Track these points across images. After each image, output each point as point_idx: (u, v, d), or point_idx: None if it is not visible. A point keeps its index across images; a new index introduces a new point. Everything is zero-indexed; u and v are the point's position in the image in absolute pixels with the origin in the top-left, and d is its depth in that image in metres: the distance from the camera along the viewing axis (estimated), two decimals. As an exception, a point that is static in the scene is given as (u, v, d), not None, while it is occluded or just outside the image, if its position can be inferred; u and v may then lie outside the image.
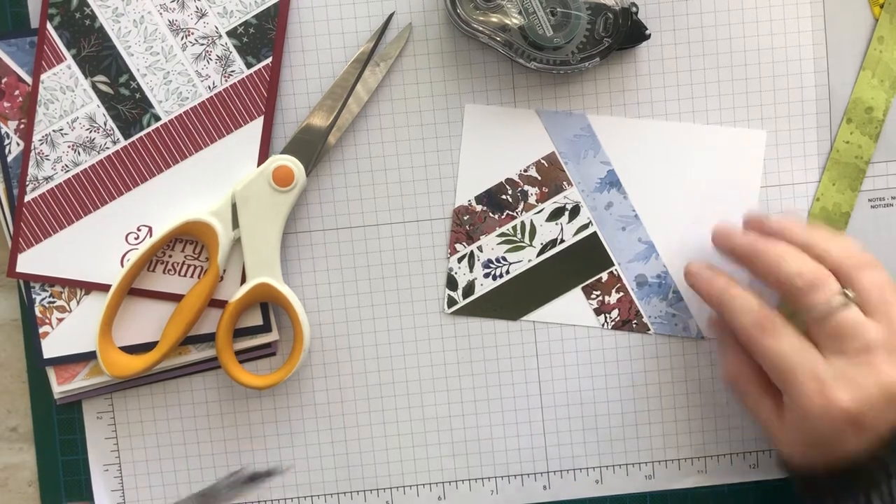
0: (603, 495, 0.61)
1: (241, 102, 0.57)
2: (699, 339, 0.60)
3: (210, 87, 0.57)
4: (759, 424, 0.53)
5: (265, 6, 0.57)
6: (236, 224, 0.57)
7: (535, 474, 0.60)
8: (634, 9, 0.56)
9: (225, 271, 0.58)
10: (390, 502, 0.60)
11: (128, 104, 0.57)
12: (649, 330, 0.60)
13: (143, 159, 0.58)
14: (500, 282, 0.59)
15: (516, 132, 0.59)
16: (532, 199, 0.59)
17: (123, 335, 0.58)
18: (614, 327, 0.60)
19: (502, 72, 0.59)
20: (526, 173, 0.59)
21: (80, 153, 0.58)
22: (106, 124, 0.58)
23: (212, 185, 0.58)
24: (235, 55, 0.57)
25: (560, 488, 0.61)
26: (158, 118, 0.57)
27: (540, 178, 0.59)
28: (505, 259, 0.59)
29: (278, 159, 0.57)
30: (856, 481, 0.48)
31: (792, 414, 0.49)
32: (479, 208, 0.59)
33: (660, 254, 0.59)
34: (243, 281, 0.58)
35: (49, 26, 0.57)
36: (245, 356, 0.59)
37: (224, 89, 0.57)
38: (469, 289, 0.59)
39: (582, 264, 0.59)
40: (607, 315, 0.59)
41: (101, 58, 0.57)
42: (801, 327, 0.50)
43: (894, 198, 0.59)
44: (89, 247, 0.58)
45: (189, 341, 0.58)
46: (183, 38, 0.57)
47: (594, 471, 0.61)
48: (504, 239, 0.59)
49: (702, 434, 0.60)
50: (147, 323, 0.58)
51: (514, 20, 0.55)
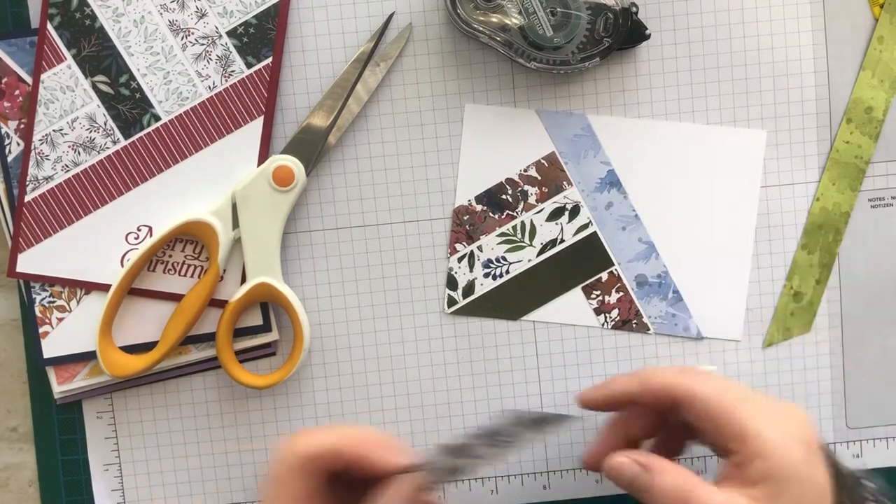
0: (603, 495, 0.61)
1: (242, 102, 0.58)
2: (699, 340, 0.60)
3: (210, 87, 0.57)
4: None
5: (265, 6, 0.57)
6: (236, 224, 0.57)
7: (534, 474, 0.60)
8: (634, 9, 0.56)
9: (225, 271, 0.58)
10: (390, 502, 0.60)
11: (128, 104, 0.57)
12: (649, 330, 0.60)
13: (144, 159, 0.58)
14: (500, 282, 0.59)
15: (516, 132, 0.59)
16: (532, 199, 0.59)
17: (123, 335, 0.58)
18: (614, 327, 0.60)
19: (502, 72, 0.59)
20: (526, 173, 0.59)
21: (80, 153, 0.58)
22: (106, 124, 0.58)
23: (212, 184, 0.58)
24: (235, 55, 0.57)
25: (560, 488, 0.61)
26: (158, 118, 0.58)
27: (540, 177, 0.59)
28: (505, 259, 0.59)
29: (278, 159, 0.57)
30: None
31: None
32: (479, 208, 0.59)
33: (660, 254, 0.59)
34: (243, 281, 0.58)
35: (49, 26, 0.57)
36: (245, 356, 0.59)
37: (224, 89, 0.57)
38: (469, 289, 0.59)
39: (582, 264, 0.59)
40: (607, 315, 0.59)
41: (101, 58, 0.57)
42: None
43: (894, 198, 0.59)
44: (89, 246, 0.58)
45: (189, 341, 0.58)
46: (183, 38, 0.57)
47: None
48: (504, 239, 0.59)
49: (702, 434, 0.60)
50: (147, 323, 0.58)
51: (515, 20, 0.55)
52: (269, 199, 0.57)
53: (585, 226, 0.59)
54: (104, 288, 0.57)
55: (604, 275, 0.59)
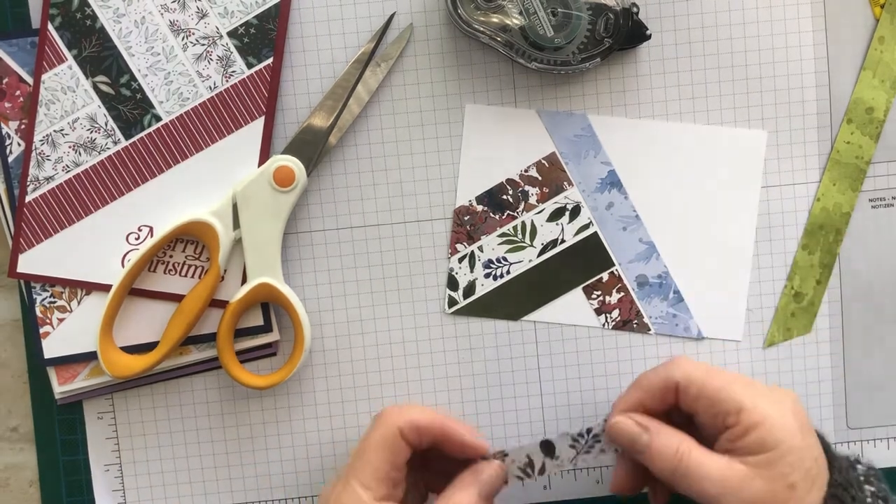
0: (603, 495, 0.61)
1: (242, 103, 0.58)
2: (700, 340, 0.60)
3: (211, 88, 0.57)
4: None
5: (266, 6, 0.57)
6: (237, 224, 0.57)
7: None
8: (635, 9, 0.56)
9: (226, 271, 0.58)
10: (391, 502, 0.60)
11: (129, 104, 0.58)
12: (650, 330, 0.60)
13: (144, 159, 0.58)
14: (500, 282, 0.59)
15: (517, 132, 0.59)
16: (533, 200, 0.59)
17: (124, 335, 0.58)
18: (615, 327, 0.60)
19: (503, 72, 0.59)
20: (527, 173, 0.59)
21: (80, 153, 0.58)
22: (107, 124, 0.58)
23: (212, 185, 0.58)
24: (236, 55, 0.57)
25: (560, 488, 0.61)
26: (159, 118, 0.58)
27: (541, 178, 0.59)
28: (505, 259, 0.59)
29: (279, 159, 0.57)
30: None
31: None
32: (480, 208, 0.59)
33: (660, 254, 0.59)
34: (244, 281, 0.58)
35: (50, 27, 0.57)
36: (246, 356, 0.59)
37: (225, 89, 0.57)
38: (470, 289, 0.59)
39: (582, 264, 0.59)
40: (608, 315, 0.59)
41: (102, 58, 0.57)
42: None
43: (895, 198, 0.59)
44: (90, 247, 0.58)
45: (190, 341, 0.58)
46: (184, 38, 0.57)
47: (594, 471, 0.61)
48: (505, 239, 0.59)
49: (702, 434, 0.60)
50: (148, 323, 0.58)
51: (515, 20, 0.55)
52: (270, 199, 0.57)
53: (586, 226, 0.59)
54: (105, 288, 0.57)
55: (604, 275, 0.59)
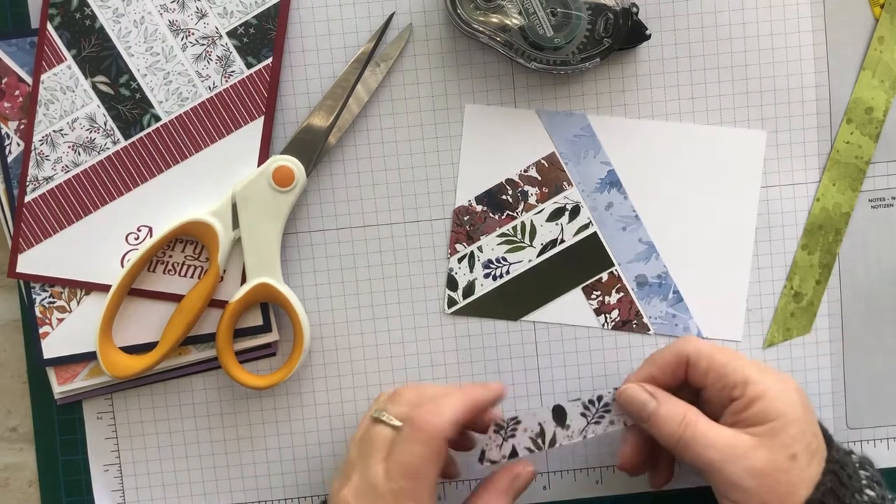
0: (603, 495, 0.61)
1: (242, 103, 0.58)
2: (699, 340, 0.60)
3: (210, 88, 0.57)
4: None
5: (265, 6, 0.57)
6: (236, 224, 0.57)
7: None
8: (635, 9, 0.56)
9: (225, 271, 0.58)
10: (390, 502, 0.60)
11: (128, 104, 0.57)
12: (649, 330, 0.60)
13: (144, 159, 0.58)
14: (500, 282, 0.59)
15: (516, 132, 0.59)
16: (532, 200, 0.59)
17: (124, 335, 0.58)
18: (614, 327, 0.60)
19: (502, 72, 0.59)
20: (526, 173, 0.59)
21: (80, 153, 0.58)
22: (106, 124, 0.58)
23: (212, 185, 0.58)
24: (236, 55, 0.57)
25: (560, 488, 0.61)
26: (159, 118, 0.58)
27: (540, 178, 0.59)
28: (505, 259, 0.59)
29: (278, 159, 0.57)
30: None
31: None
32: (480, 208, 0.59)
33: (660, 254, 0.59)
34: (243, 281, 0.58)
35: (49, 26, 0.57)
36: (245, 356, 0.59)
37: (224, 89, 0.57)
38: (469, 289, 0.59)
39: (582, 264, 0.59)
40: (607, 315, 0.59)
41: (101, 58, 0.57)
42: None
43: (894, 198, 0.59)
44: (89, 247, 0.58)
45: (189, 341, 0.58)
46: (183, 38, 0.57)
47: (594, 471, 0.61)
48: (504, 239, 0.59)
49: (702, 434, 0.60)
50: (147, 323, 0.58)
51: (515, 20, 0.55)
52: (270, 199, 0.57)
53: (586, 226, 0.59)
54: (104, 288, 0.57)
55: (604, 275, 0.59)
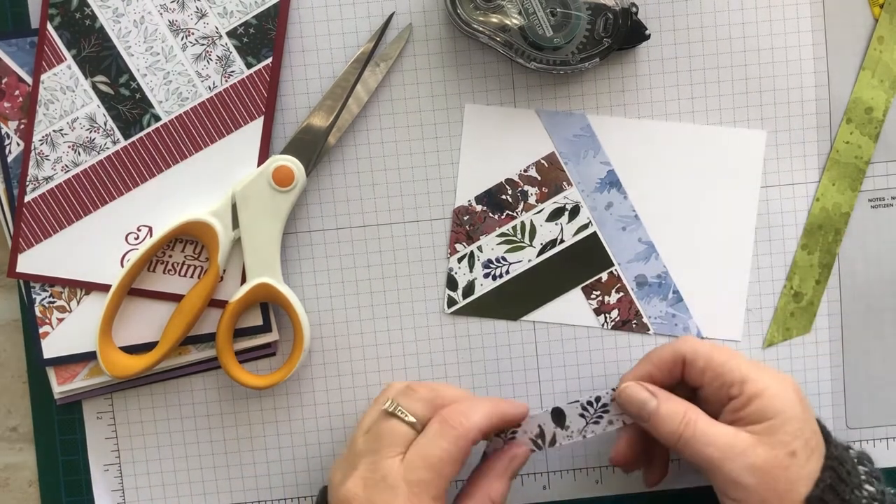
0: (603, 495, 0.61)
1: (242, 103, 0.58)
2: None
3: (210, 88, 0.57)
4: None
5: (265, 6, 0.57)
6: (236, 224, 0.57)
7: (535, 474, 0.60)
8: (634, 9, 0.56)
9: (225, 271, 0.58)
10: (390, 502, 0.60)
11: (128, 104, 0.58)
12: (649, 330, 0.60)
13: (144, 159, 0.58)
14: (500, 282, 0.59)
15: (516, 132, 0.59)
16: (532, 200, 0.59)
17: (124, 335, 0.58)
18: (614, 327, 0.60)
19: (502, 72, 0.59)
20: (526, 173, 0.59)
21: (80, 153, 0.58)
22: (106, 124, 0.58)
23: (212, 185, 0.58)
24: (235, 55, 0.57)
25: (560, 488, 0.61)
26: (158, 118, 0.58)
27: (540, 178, 0.59)
28: (505, 259, 0.59)
29: (278, 159, 0.57)
30: None
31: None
32: (479, 208, 0.59)
33: (660, 254, 0.59)
34: (243, 281, 0.58)
35: (49, 26, 0.57)
36: (245, 356, 0.59)
37: (224, 89, 0.57)
38: (469, 289, 0.59)
39: (582, 264, 0.59)
40: (607, 315, 0.59)
41: (101, 58, 0.57)
42: None
43: (894, 198, 0.59)
44: (89, 247, 0.58)
45: (189, 341, 0.58)
46: (183, 38, 0.57)
47: (594, 471, 0.61)
48: (504, 239, 0.59)
49: (702, 434, 0.60)
50: (147, 323, 0.58)
51: (514, 20, 0.55)
52: (269, 199, 0.57)
53: (585, 226, 0.59)
54: (104, 288, 0.57)
55: (604, 275, 0.59)
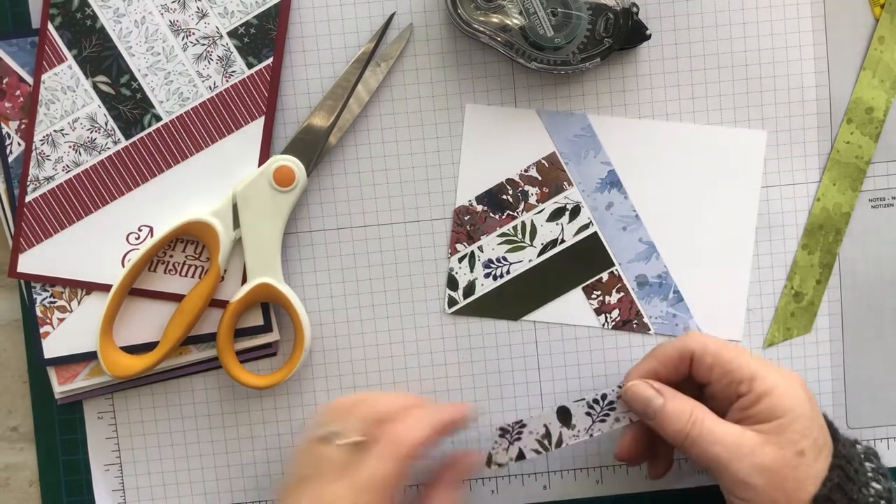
0: (603, 495, 0.61)
1: (242, 103, 0.58)
2: (699, 339, 0.60)
3: (211, 88, 0.57)
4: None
5: (266, 6, 0.57)
6: (237, 224, 0.57)
7: (535, 474, 0.60)
8: (635, 9, 0.56)
9: (226, 271, 0.58)
10: (391, 502, 0.60)
11: (129, 104, 0.58)
12: (650, 330, 0.60)
13: (144, 159, 0.58)
14: (500, 282, 0.59)
15: (517, 132, 0.59)
16: (533, 200, 0.59)
17: (124, 335, 0.58)
18: (615, 327, 0.60)
19: (503, 72, 0.59)
20: (526, 173, 0.59)
21: (81, 153, 0.58)
22: (107, 124, 0.58)
23: (213, 185, 0.58)
24: (236, 55, 0.57)
25: (560, 488, 0.61)
26: (159, 118, 0.58)
27: (540, 178, 0.59)
28: (505, 259, 0.59)
29: (279, 159, 0.57)
30: None
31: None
32: (480, 208, 0.59)
33: (660, 254, 0.59)
34: (244, 281, 0.58)
35: (50, 26, 0.57)
36: (246, 356, 0.59)
37: (225, 89, 0.57)
38: (469, 289, 0.59)
39: (582, 264, 0.59)
40: (608, 315, 0.60)
41: (102, 58, 0.57)
42: None
43: (895, 198, 0.60)
44: (90, 247, 0.58)
45: (190, 341, 0.58)
46: (184, 38, 0.57)
47: (594, 471, 0.61)
48: (505, 239, 0.59)
49: (702, 434, 0.60)
50: (148, 323, 0.58)
51: (515, 20, 0.55)
52: (270, 199, 0.57)
53: (586, 226, 0.59)
54: (105, 288, 0.57)
55: (604, 275, 0.59)
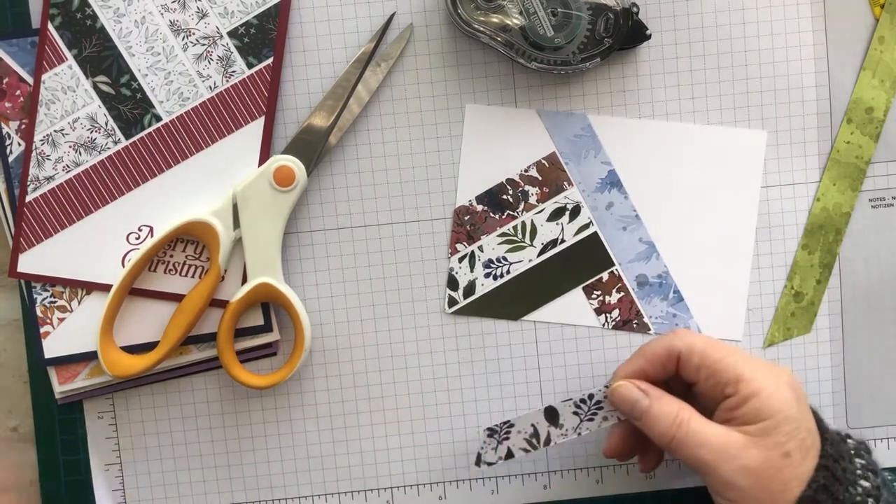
0: (603, 495, 0.61)
1: (243, 103, 0.58)
2: (699, 339, 0.60)
3: (211, 88, 0.57)
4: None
5: (266, 6, 0.57)
6: (237, 224, 0.57)
7: (535, 474, 0.60)
8: (635, 9, 0.56)
9: (226, 271, 0.58)
10: (391, 502, 0.60)
11: (129, 104, 0.58)
12: (650, 330, 0.60)
13: (145, 159, 0.58)
14: (500, 282, 0.59)
15: (517, 132, 0.59)
16: (533, 199, 0.59)
17: (124, 335, 0.58)
18: (615, 327, 0.60)
19: (503, 72, 0.59)
20: (527, 173, 0.59)
21: (81, 153, 0.58)
22: (107, 124, 0.58)
23: (213, 185, 0.58)
24: (236, 55, 0.57)
25: (560, 488, 0.61)
26: (159, 118, 0.58)
27: (541, 178, 0.59)
28: (506, 259, 0.59)
29: (279, 159, 0.57)
30: None
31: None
32: (480, 208, 0.59)
33: (660, 254, 0.59)
34: (244, 281, 0.58)
35: (50, 26, 0.57)
36: (246, 356, 0.59)
37: (225, 89, 0.58)
38: (470, 289, 0.59)
39: (582, 264, 0.59)
40: (608, 315, 0.60)
41: (102, 58, 0.57)
42: None
43: (895, 198, 0.60)
44: (90, 247, 0.58)
45: (190, 341, 0.58)
46: (184, 38, 0.57)
47: (594, 471, 0.61)
48: (505, 239, 0.59)
49: (702, 434, 0.60)
50: (148, 323, 0.58)
51: (515, 20, 0.55)
52: (270, 199, 0.57)
53: (586, 226, 0.59)
54: (105, 288, 0.57)
55: (604, 275, 0.59)
